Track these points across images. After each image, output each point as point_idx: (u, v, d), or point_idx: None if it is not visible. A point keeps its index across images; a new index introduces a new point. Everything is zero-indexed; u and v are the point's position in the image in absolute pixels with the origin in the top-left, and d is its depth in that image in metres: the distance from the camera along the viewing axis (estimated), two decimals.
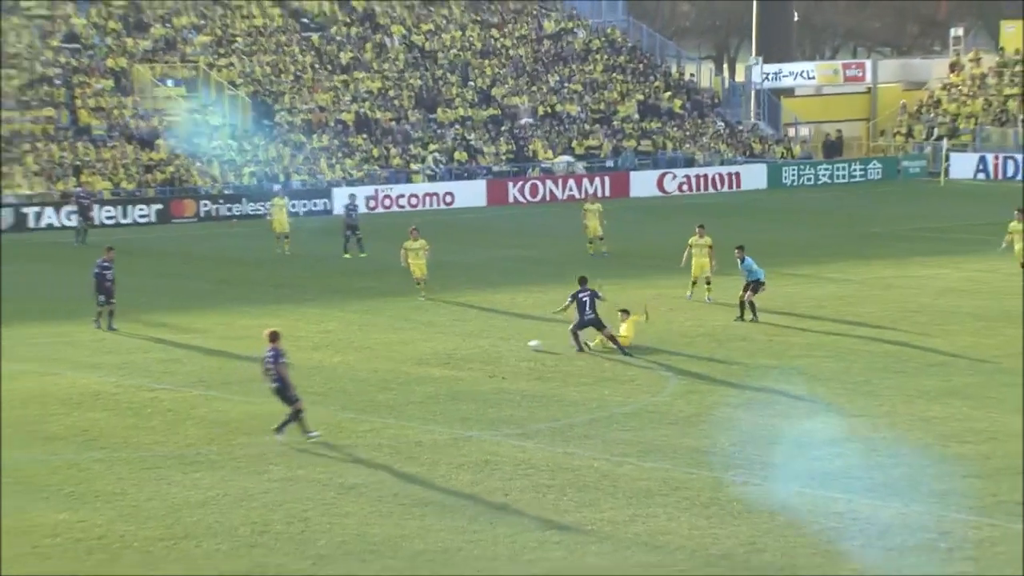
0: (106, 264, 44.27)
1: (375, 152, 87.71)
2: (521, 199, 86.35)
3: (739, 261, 44.24)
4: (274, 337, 30.60)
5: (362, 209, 72.91)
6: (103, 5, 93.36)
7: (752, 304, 43.54)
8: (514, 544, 23.93)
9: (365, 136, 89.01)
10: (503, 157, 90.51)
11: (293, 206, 76.40)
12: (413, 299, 48.24)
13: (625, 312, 40.27)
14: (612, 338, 39.38)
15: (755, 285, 43.66)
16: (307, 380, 34.86)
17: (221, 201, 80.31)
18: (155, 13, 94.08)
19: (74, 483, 27.95)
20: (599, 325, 39.61)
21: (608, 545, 23.84)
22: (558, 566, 22.87)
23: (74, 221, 71.58)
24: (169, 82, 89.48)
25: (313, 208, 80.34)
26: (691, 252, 47.11)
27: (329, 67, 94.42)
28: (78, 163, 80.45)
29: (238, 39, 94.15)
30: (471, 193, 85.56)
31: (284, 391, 30.26)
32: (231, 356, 40.04)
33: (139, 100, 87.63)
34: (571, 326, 40.01)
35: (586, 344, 39.64)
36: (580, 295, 39.72)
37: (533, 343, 39.70)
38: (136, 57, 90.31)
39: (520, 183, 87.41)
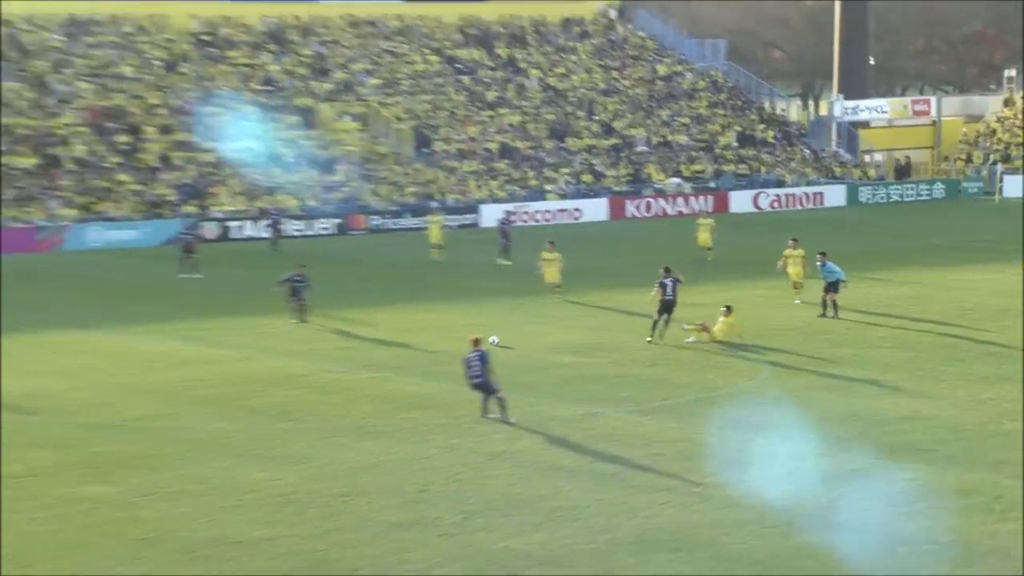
0: (299, 278, 44.59)
1: (515, 175, 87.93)
2: (637, 214, 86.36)
3: (820, 265, 43.98)
4: (477, 342, 30.62)
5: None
6: (294, 55, 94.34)
7: (835, 303, 43.22)
8: (632, 503, 23.96)
9: (507, 161, 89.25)
10: (622, 179, 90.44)
11: (448, 222, 76.75)
12: (548, 299, 48.30)
13: (728, 309, 40.05)
14: (704, 327, 39.32)
15: (834, 285, 43.38)
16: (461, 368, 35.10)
17: (388, 216, 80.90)
18: (335, 60, 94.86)
19: (270, 448, 28.32)
20: (671, 309, 39.67)
21: (711, 504, 23.81)
22: (669, 521, 22.88)
23: (268, 233, 72.46)
24: (346, 117, 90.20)
25: (463, 222, 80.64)
26: (786, 261, 46.82)
27: (478, 104, 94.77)
28: (271, 185, 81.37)
29: (403, 82, 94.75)
30: (595, 209, 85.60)
31: (488, 385, 30.05)
32: (398, 345, 40.30)
33: (321, 133, 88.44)
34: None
35: (684, 330, 39.51)
36: (664, 280, 39.89)
37: (493, 339, 39.03)
38: (319, 97, 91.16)
39: (637, 201, 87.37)
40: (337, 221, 79.28)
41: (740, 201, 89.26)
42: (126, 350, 40.17)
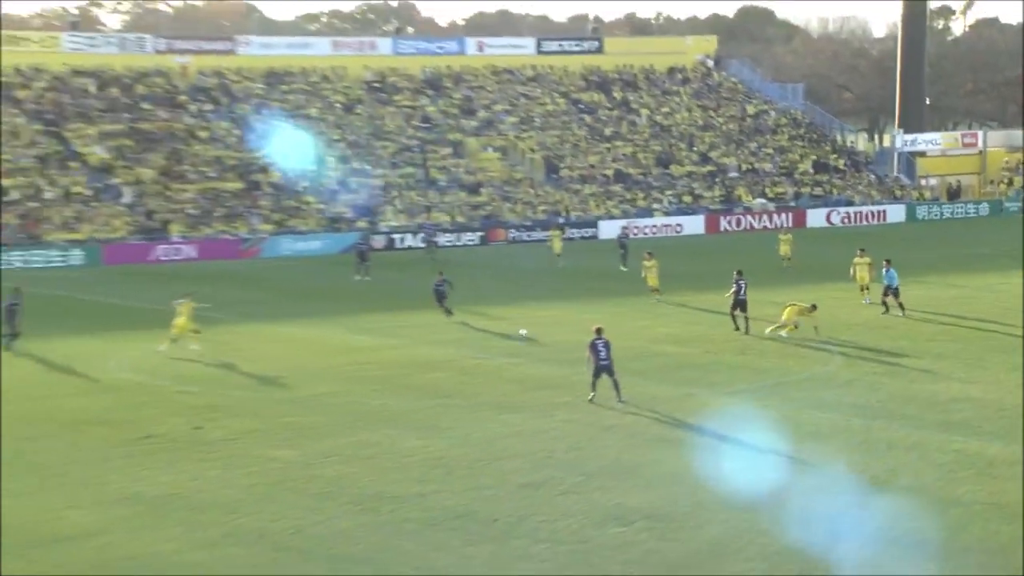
0: (440, 284, 44.57)
1: (628, 196, 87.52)
2: (729, 228, 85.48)
3: (884, 271, 43.17)
4: (600, 330, 29.80)
5: (615, 235, 72.89)
6: (447, 98, 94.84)
7: (900, 304, 42.33)
8: (723, 469, 23.65)
9: (621, 185, 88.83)
10: (717, 199, 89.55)
11: (571, 234, 76.70)
12: (651, 298, 47.92)
13: (813, 307, 39.13)
14: (796, 325, 38.70)
15: (892, 290, 42.49)
16: (581, 354, 34.91)
17: (522, 230, 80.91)
18: (480, 102, 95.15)
19: (424, 420, 28.38)
20: (744, 306, 39.62)
21: (788, 470, 23.45)
22: (753, 484, 22.54)
23: (423, 244, 72.75)
24: (489, 149, 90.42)
25: (584, 235, 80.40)
26: (855, 268, 46.02)
27: (597, 138, 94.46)
28: (428, 204, 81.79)
29: (536, 119, 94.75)
30: (694, 224, 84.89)
31: (611, 368, 29.32)
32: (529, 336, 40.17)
33: (468, 161, 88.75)
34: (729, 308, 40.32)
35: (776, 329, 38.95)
36: (738, 281, 39.97)
37: (523, 331, 39.19)
38: (467, 132, 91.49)
39: (729, 217, 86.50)
40: (480, 234, 79.46)
41: (815, 217, 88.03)
42: (309, 338, 40.54)
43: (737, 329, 39.60)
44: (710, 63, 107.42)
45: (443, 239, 77.32)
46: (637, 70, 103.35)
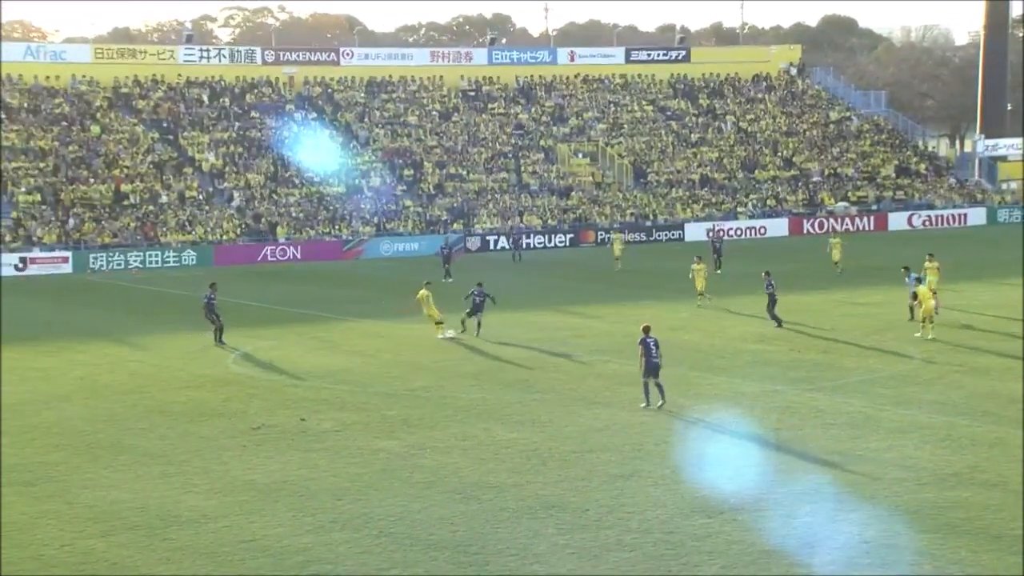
0: (478, 293, 42.16)
1: (713, 200, 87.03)
2: (812, 231, 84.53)
3: (906, 278, 41.87)
4: (648, 329, 29.01)
5: (702, 238, 72.61)
6: (539, 106, 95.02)
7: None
8: (808, 463, 23.53)
9: (707, 189, 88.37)
10: (800, 203, 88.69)
11: (658, 237, 76.40)
12: (733, 298, 47.49)
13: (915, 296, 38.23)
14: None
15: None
16: (674, 351, 34.85)
17: (611, 232, 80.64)
18: (571, 110, 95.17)
19: (519, 413, 28.53)
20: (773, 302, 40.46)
21: (871, 466, 23.25)
22: (836, 478, 22.41)
23: (511, 247, 72.66)
24: (579, 154, 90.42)
25: (671, 237, 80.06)
26: (926, 272, 45.21)
27: (684, 143, 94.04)
28: (520, 208, 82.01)
29: (624, 126, 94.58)
30: (777, 227, 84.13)
31: (658, 368, 28.40)
32: (618, 334, 40.10)
33: (559, 167, 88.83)
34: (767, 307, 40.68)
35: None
36: (770, 280, 40.70)
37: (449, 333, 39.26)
38: (558, 138, 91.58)
39: (812, 220, 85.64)
40: (571, 236, 79.54)
41: (897, 221, 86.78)
42: (408, 335, 40.90)
43: (779, 326, 39.81)
44: (794, 71, 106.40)
45: (535, 241, 77.55)
46: (723, 78, 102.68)
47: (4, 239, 68.84)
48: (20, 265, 66.99)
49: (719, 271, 57.28)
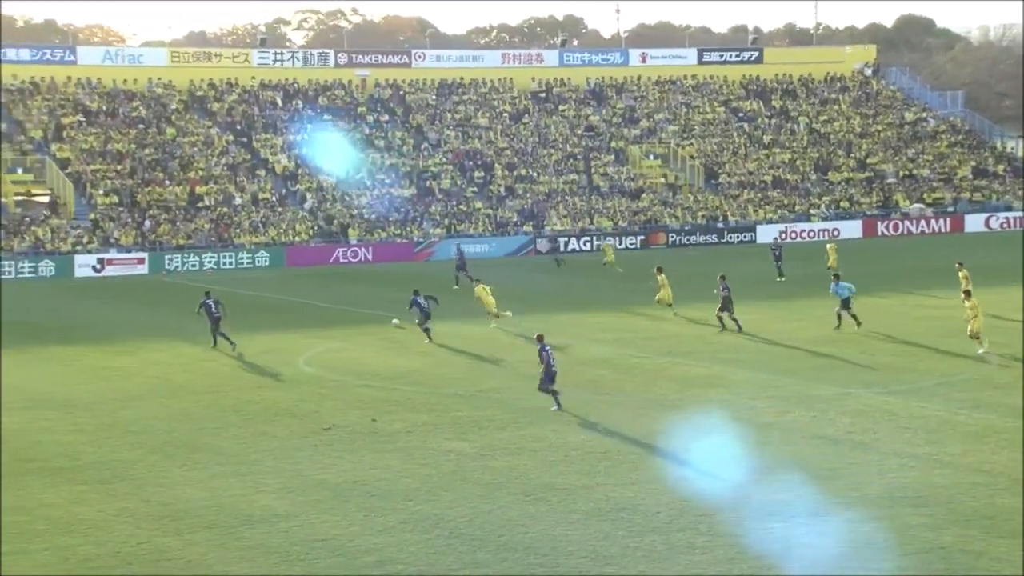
0: (420, 299, 41.64)
1: (785, 201, 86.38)
2: (886, 233, 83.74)
3: (834, 285, 40.87)
4: (542, 337, 29.43)
5: (771, 239, 71.93)
6: (610, 107, 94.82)
7: (853, 316, 39.72)
8: (881, 466, 23.30)
9: (779, 191, 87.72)
10: (874, 204, 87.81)
11: (730, 239, 75.93)
12: (804, 300, 47.06)
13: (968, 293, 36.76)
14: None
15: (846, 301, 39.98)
16: (745, 354, 34.72)
17: (682, 234, 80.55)
18: (642, 111, 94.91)
19: (588, 415, 28.49)
20: (730, 307, 40.04)
21: (949, 470, 22.95)
22: (913, 482, 22.16)
23: (549, 250, 71.57)
24: (650, 156, 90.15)
25: (742, 239, 79.56)
26: (959, 278, 44.38)
27: (756, 145, 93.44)
28: (590, 210, 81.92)
29: (696, 127, 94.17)
30: (851, 228, 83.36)
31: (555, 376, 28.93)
32: (688, 335, 39.92)
33: (630, 168, 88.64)
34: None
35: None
36: (725, 284, 40.47)
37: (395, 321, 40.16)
38: (629, 140, 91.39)
39: (886, 222, 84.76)
40: (641, 238, 79.34)
41: (974, 222, 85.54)
42: (479, 337, 41.00)
43: (723, 329, 39.78)
44: (868, 71, 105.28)
45: (605, 242, 77.43)
46: (796, 79, 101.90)
47: (82, 241, 69.99)
48: (98, 266, 68.08)
49: (781, 279, 56.40)
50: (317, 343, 39.99)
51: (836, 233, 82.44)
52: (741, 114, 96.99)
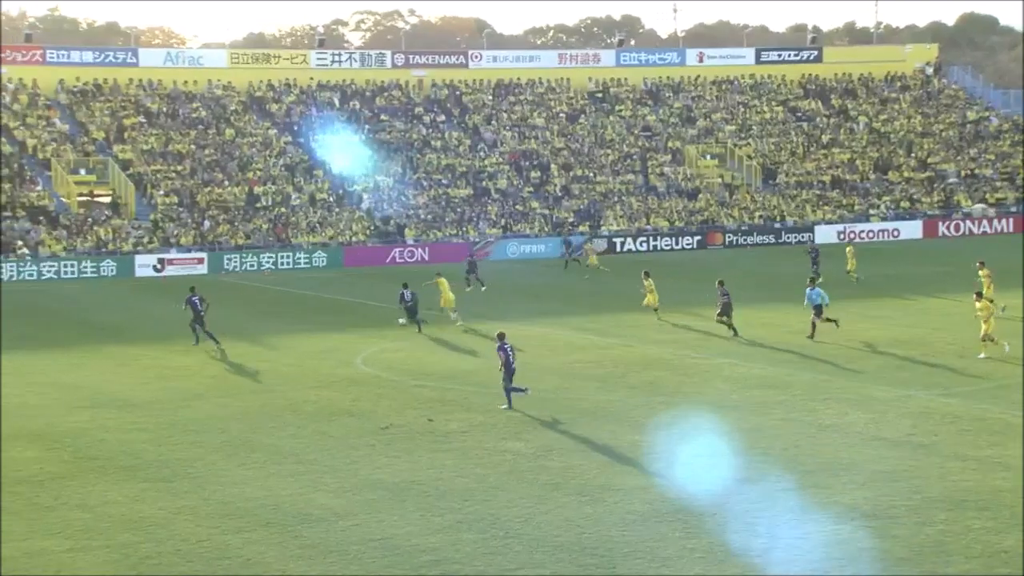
0: (408, 295, 42.98)
1: (844, 201, 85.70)
2: (947, 233, 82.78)
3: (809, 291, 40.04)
4: (503, 336, 29.94)
5: (832, 240, 71.47)
6: (667, 107, 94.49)
7: (828, 319, 38.92)
8: (942, 469, 23.05)
9: (837, 191, 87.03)
10: (935, 204, 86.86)
11: (788, 239, 75.52)
12: (865, 301, 46.64)
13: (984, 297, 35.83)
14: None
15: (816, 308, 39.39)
16: (803, 356, 34.50)
17: (739, 235, 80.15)
18: (700, 111, 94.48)
19: (644, 416, 28.41)
20: (729, 312, 39.50)
21: (1011, 473, 22.68)
22: (976, 485, 21.91)
23: (566, 249, 70.16)
24: (707, 156, 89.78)
25: (800, 239, 79.00)
26: (981, 281, 43.68)
27: (814, 145, 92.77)
28: (647, 210, 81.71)
29: (753, 127, 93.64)
30: (911, 229, 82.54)
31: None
32: (746, 337, 39.63)
33: (687, 168, 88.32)
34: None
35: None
36: (724, 289, 40.12)
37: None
38: (686, 140, 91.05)
39: (947, 223, 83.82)
40: (698, 238, 79.03)
41: None
42: (537, 336, 40.99)
43: (732, 331, 39.36)
44: (929, 70, 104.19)
45: (662, 243, 77.33)
46: (855, 78, 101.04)
47: (143, 241, 70.78)
48: (158, 266, 68.78)
49: (819, 280, 55.47)
50: (374, 343, 40.20)
51: (896, 233, 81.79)
52: (799, 114, 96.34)
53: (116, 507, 21.74)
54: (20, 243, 68.35)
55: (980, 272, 43.49)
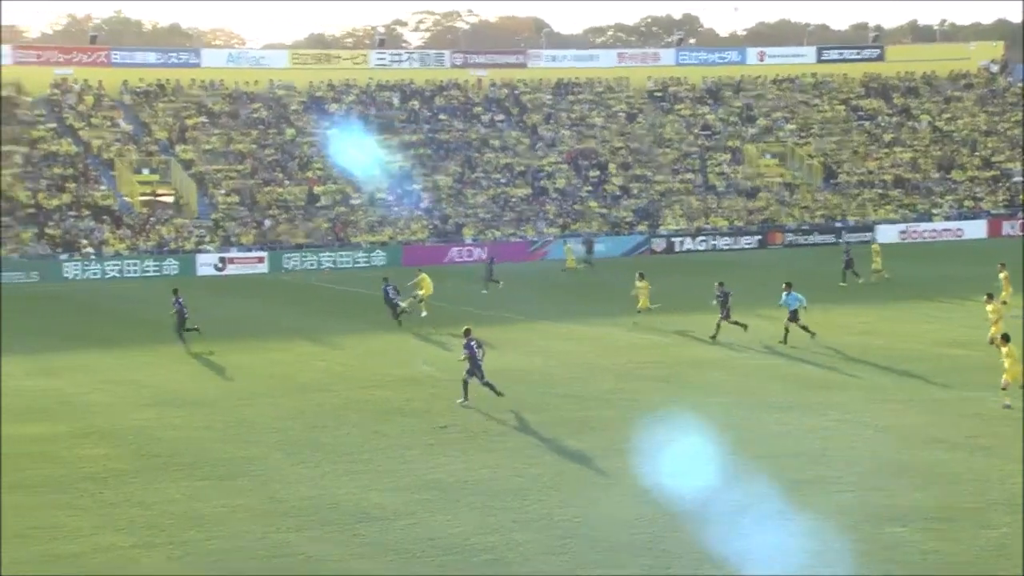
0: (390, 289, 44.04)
1: (906, 201, 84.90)
2: (1012, 233, 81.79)
3: (785, 294, 39.23)
4: (469, 331, 30.28)
5: (894, 239, 70.75)
6: (727, 106, 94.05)
7: (803, 327, 38.15)
8: (1003, 471, 22.78)
9: (899, 190, 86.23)
10: (1000, 204, 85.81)
11: (849, 239, 74.99)
12: (926, 303, 46.13)
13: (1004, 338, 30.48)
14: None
15: (792, 313, 38.61)
16: (863, 355, 34.25)
17: (800, 234, 79.68)
18: (760, 110, 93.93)
19: (701, 416, 28.17)
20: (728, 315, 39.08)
21: None
22: None
23: (583, 249, 70.15)
24: (767, 155, 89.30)
25: (862, 239, 78.37)
26: (1002, 283, 42.93)
27: (876, 144, 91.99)
28: (706, 209, 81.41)
29: (814, 126, 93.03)
30: (975, 228, 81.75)
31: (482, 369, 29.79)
32: (803, 337, 39.27)
33: (747, 168, 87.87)
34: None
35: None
36: (723, 290, 39.68)
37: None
38: (745, 139, 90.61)
39: (1012, 221, 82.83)
40: (758, 237, 78.65)
41: None
42: (595, 336, 40.99)
43: (714, 337, 38.62)
44: (995, 68, 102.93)
45: (721, 243, 77.05)
46: (918, 76, 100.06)
47: (204, 240, 71.56)
48: (220, 265, 69.54)
49: (859, 281, 54.74)
50: (431, 342, 40.35)
51: (960, 233, 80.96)
52: (861, 112, 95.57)
53: (177, 504, 22.03)
54: (84, 242, 69.35)
55: (1000, 274, 42.97)
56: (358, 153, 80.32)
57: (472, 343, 29.88)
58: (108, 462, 25.17)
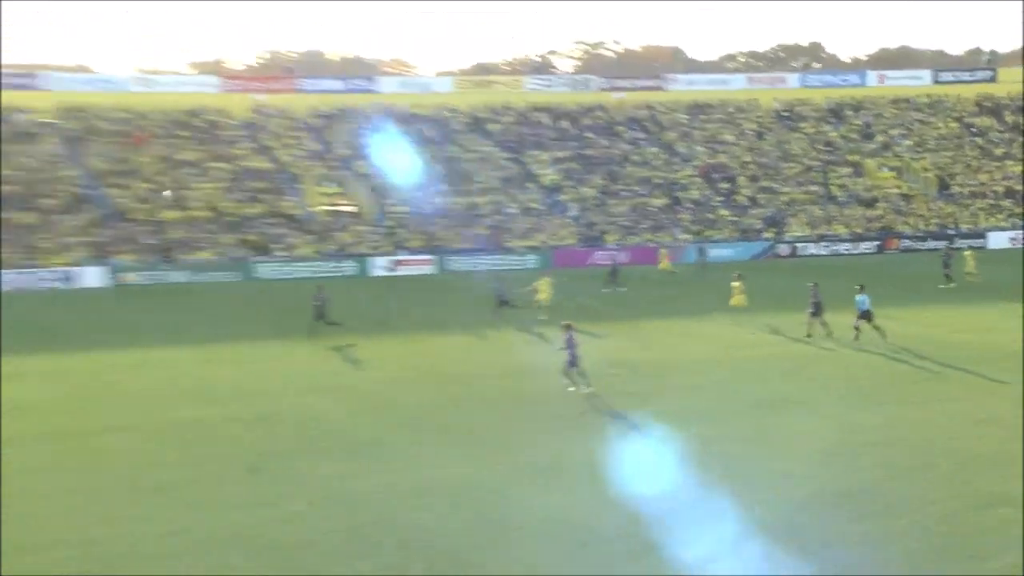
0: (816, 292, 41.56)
1: (1017, 210, 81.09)
2: None
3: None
4: (570, 326, 28.97)
5: (1005, 245, 67.46)
6: (848, 124, 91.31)
7: (876, 327, 35.72)
8: None
9: (1010, 200, 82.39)
10: None
11: (960, 245, 71.97)
12: (982, 307, 43.71)
13: None
14: None
15: (864, 313, 36.03)
16: (971, 352, 32.49)
17: (915, 240, 76.81)
18: (878, 127, 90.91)
19: (809, 407, 26.95)
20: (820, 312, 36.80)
21: None
22: None
23: (697, 259, 67.80)
24: (885, 168, 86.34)
25: (972, 244, 75.10)
26: None
27: (987, 158, 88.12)
28: (827, 217, 79.07)
29: (929, 142, 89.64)
30: None
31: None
32: (910, 336, 37.42)
33: (866, 180, 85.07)
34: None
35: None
36: (815, 291, 37.31)
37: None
38: (865, 154, 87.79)
39: None
40: (876, 243, 76.00)
41: None
42: (710, 332, 39.79)
43: (809, 336, 36.50)
44: None
45: (842, 248, 74.78)
46: None
47: (379, 244, 72.18)
48: (392, 267, 70.04)
49: (943, 286, 52.18)
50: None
51: None
52: (974, 129, 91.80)
53: (331, 481, 21.70)
54: (276, 246, 70.64)
55: None
56: (512, 167, 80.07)
57: (571, 335, 28.79)
58: (272, 443, 25.05)
